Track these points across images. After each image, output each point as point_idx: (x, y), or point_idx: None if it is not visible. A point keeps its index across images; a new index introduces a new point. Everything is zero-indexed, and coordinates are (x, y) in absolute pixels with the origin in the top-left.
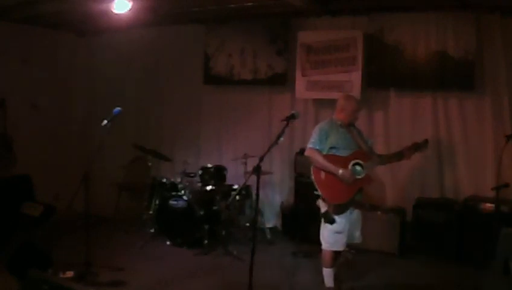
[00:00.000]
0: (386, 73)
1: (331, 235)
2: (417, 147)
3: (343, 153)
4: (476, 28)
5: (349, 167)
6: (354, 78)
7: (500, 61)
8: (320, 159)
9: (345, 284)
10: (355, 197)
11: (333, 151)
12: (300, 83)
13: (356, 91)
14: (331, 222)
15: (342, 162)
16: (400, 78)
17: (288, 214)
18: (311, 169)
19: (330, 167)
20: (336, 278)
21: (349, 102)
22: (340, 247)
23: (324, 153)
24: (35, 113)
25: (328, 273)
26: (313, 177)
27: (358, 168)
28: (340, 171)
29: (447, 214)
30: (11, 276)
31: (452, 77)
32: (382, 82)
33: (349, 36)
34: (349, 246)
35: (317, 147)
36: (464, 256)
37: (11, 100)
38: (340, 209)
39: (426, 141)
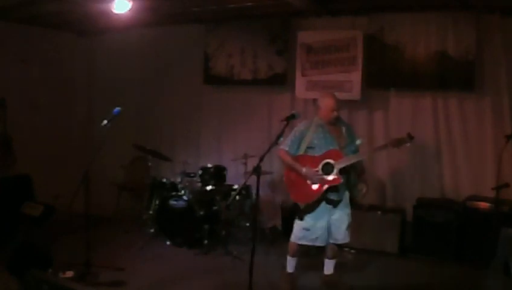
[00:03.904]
0: (386, 73)
1: (299, 230)
2: (398, 142)
3: (319, 152)
4: (476, 28)
5: (319, 166)
6: (354, 78)
7: (500, 61)
8: (288, 160)
9: (344, 284)
10: (325, 196)
11: (310, 151)
12: (300, 83)
13: (356, 91)
14: (300, 218)
15: (313, 161)
16: (400, 78)
17: (288, 214)
18: (284, 169)
19: (296, 166)
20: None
21: (324, 100)
22: (306, 242)
23: (299, 153)
24: (35, 113)
25: (290, 261)
26: (284, 177)
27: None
28: (304, 169)
29: (447, 214)
30: (11, 276)
31: (452, 77)
32: (382, 82)
33: (349, 36)
34: (349, 246)
35: (287, 149)
36: (464, 256)
37: (11, 100)
38: (309, 207)
39: (409, 136)
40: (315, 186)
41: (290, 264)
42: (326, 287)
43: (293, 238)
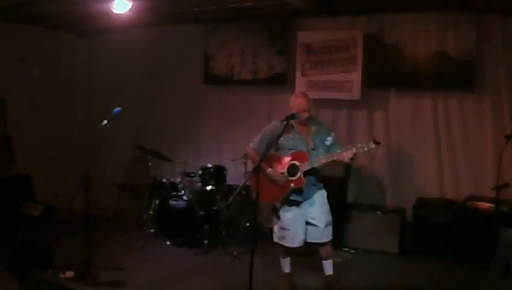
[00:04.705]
0: (386, 73)
1: (279, 230)
2: (363, 146)
3: (287, 153)
4: (476, 28)
5: (285, 168)
6: (354, 78)
7: (500, 61)
8: (255, 158)
9: (344, 284)
10: (288, 197)
11: (279, 152)
12: (300, 83)
13: (356, 91)
14: (277, 217)
15: (280, 162)
16: (400, 78)
17: None
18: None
19: (262, 165)
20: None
21: (295, 99)
22: (287, 243)
23: (269, 152)
24: (35, 113)
25: (283, 262)
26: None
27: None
28: (269, 170)
29: (447, 214)
30: (11, 276)
31: (452, 77)
32: (382, 82)
33: (349, 36)
34: (349, 246)
35: (255, 147)
36: (464, 256)
37: (11, 100)
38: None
39: (374, 142)
40: (279, 187)
41: (284, 264)
42: (325, 288)
43: (275, 238)
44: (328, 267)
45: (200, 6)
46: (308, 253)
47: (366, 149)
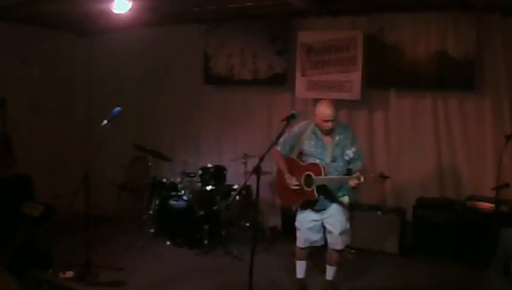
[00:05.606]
0: (386, 73)
1: (296, 230)
2: (372, 178)
3: (310, 160)
4: (476, 28)
5: (302, 177)
6: (354, 78)
7: (500, 61)
8: (278, 160)
9: (344, 284)
10: (302, 204)
11: (303, 158)
12: (300, 82)
13: (356, 91)
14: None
15: (298, 169)
16: (400, 78)
17: (288, 214)
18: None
19: (283, 169)
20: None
21: (320, 107)
22: (298, 243)
23: (292, 155)
24: (35, 113)
25: (297, 265)
26: (276, 174)
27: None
28: (287, 176)
29: (447, 214)
30: (11, 276)
31: (452, 77)
32: (382, 82)
33: (349, 36)
34: (349, 246)
35: (279, 149)
36: (464, 256)
37: (11, 100)
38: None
39: (381, 176)
40: (296, 194)
41: (298, 268)
42: None
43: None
44: (330, 272)
45: (200, 6)
46: (312, 253)
47: (372, 180)
